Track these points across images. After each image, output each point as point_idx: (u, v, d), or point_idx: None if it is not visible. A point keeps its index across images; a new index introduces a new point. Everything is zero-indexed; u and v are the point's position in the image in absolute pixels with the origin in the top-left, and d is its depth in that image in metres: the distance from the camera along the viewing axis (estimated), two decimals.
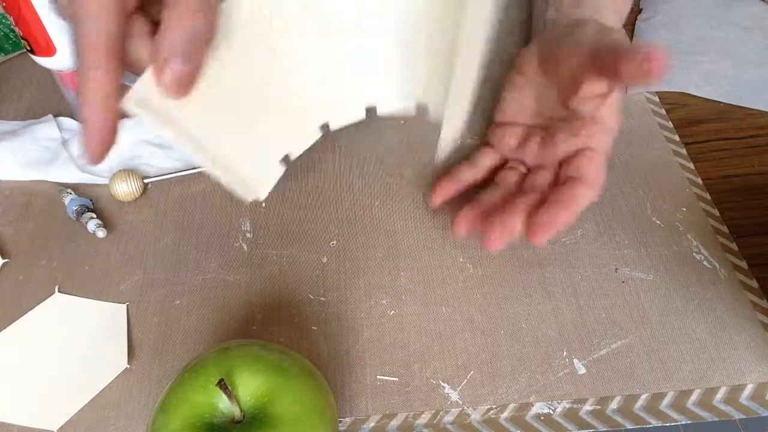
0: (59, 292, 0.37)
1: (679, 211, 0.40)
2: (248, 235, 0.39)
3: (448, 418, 0.32)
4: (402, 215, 0.40)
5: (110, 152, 0.25)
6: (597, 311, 0.35)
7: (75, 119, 0.45)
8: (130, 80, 0.24)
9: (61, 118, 0.45)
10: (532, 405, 0.32)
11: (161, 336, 0.35)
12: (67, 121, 0.44)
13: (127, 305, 0.36)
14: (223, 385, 0.25)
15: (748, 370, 0.33)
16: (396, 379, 0.33)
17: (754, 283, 0.37)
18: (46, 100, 0.47)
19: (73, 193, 0.40)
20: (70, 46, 0.22)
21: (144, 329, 0.35)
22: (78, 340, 0.35)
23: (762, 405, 0.32)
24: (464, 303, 0.36)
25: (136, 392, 0.33)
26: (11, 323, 0.35)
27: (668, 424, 0.32)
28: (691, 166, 0.42)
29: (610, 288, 0.36)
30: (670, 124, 0.45)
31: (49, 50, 0.39)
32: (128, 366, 0.34)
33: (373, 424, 0.32)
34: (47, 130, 0.43)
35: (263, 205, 0.40)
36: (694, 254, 0.38)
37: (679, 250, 0.38)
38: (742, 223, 0.39)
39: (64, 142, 0.43)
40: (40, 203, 0.41)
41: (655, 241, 0.38)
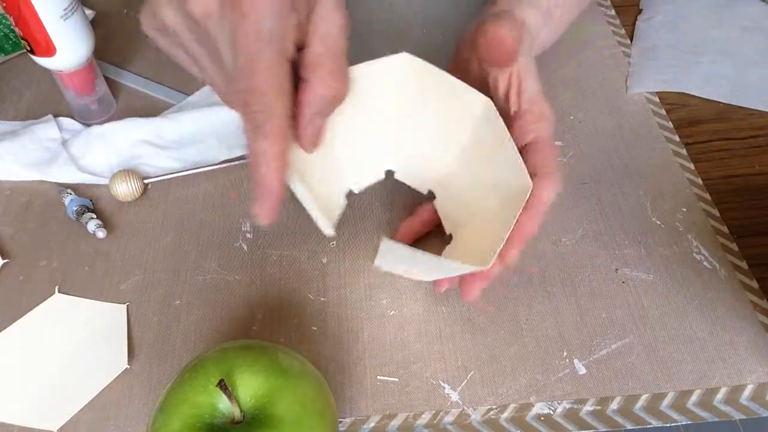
0: (59, 292, 0.37)
1: (680, 212, 0.40)
2: (248, 235, 0.39)
3: (449, 418, 0.32)
4: (402, 215, 0.40)
5: None
6: (597, 311, 0.35)
7: (75, 119, 0.45)
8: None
9: (61, 118, 0.44)
10: (533, 405, 0.32)
11: (161, 336, 0.35)
12: (67, 121, 0.44)
13: (127, 305, 0.36)
14: (223, 385, 0.25)
15: (748, 370, 0.33)
16: (396, 379, 0.33)
17: (754, 284, 0.37)
18: (46, 100, 0.47)
19: (73, 193, 0.40)
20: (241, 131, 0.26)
21: (144, 329, 0.35)
22: (78, 340, 0.35)
23: (762, 405, 0.32)
24: (464, 303, 0.36)
25: (136, 392, 0.33)
26: (11, 323, 0.35)
27: (668, 425, 0.32)
28: (692, 166, 0.42)
29: (610, 288, 0.36)
30: (671, 125, 0.45)
31: (49, 50, 0.39)
32: (128, 366, 0.34)
33: (373, 424, 0.32)
34: (47, 130, 0.43)
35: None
36: (695, 254, 0.38)
37: (679, 251, 0.38)
38: (743, 223, 0.39)
39: (64, 142, 0.43)
40: (40, 203, 0.41)
41: (656, 241, 0.38)
